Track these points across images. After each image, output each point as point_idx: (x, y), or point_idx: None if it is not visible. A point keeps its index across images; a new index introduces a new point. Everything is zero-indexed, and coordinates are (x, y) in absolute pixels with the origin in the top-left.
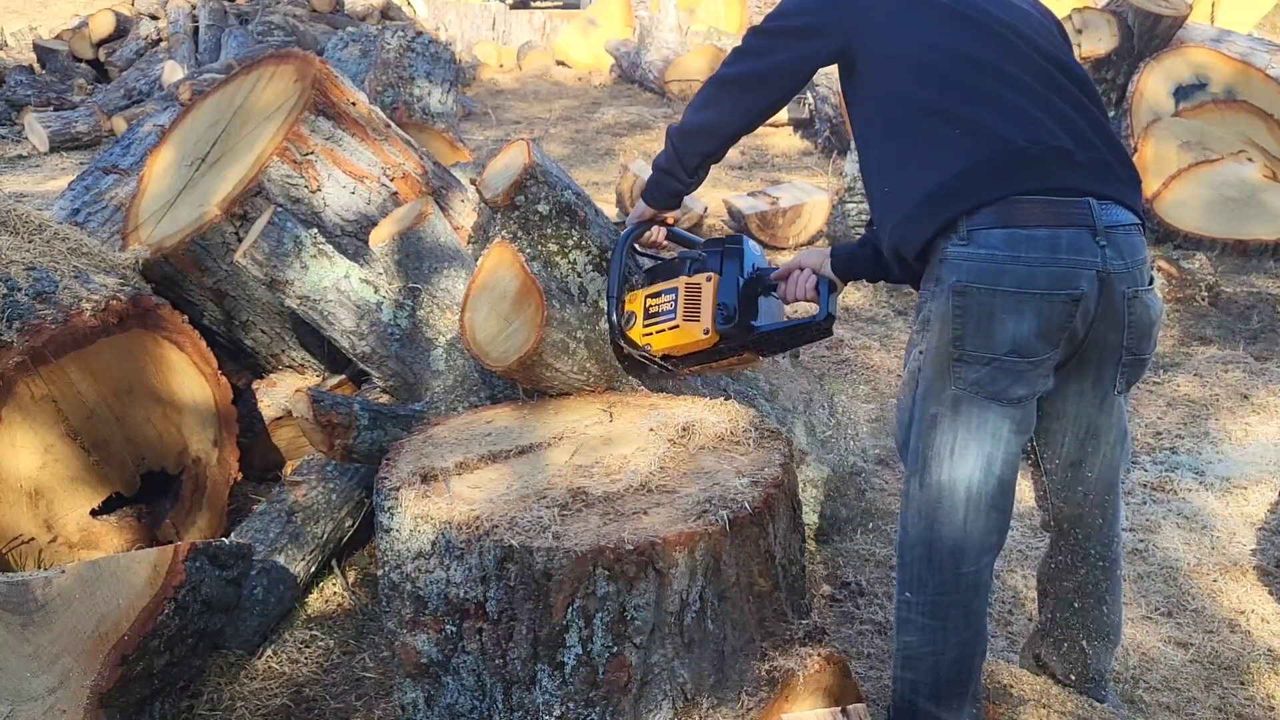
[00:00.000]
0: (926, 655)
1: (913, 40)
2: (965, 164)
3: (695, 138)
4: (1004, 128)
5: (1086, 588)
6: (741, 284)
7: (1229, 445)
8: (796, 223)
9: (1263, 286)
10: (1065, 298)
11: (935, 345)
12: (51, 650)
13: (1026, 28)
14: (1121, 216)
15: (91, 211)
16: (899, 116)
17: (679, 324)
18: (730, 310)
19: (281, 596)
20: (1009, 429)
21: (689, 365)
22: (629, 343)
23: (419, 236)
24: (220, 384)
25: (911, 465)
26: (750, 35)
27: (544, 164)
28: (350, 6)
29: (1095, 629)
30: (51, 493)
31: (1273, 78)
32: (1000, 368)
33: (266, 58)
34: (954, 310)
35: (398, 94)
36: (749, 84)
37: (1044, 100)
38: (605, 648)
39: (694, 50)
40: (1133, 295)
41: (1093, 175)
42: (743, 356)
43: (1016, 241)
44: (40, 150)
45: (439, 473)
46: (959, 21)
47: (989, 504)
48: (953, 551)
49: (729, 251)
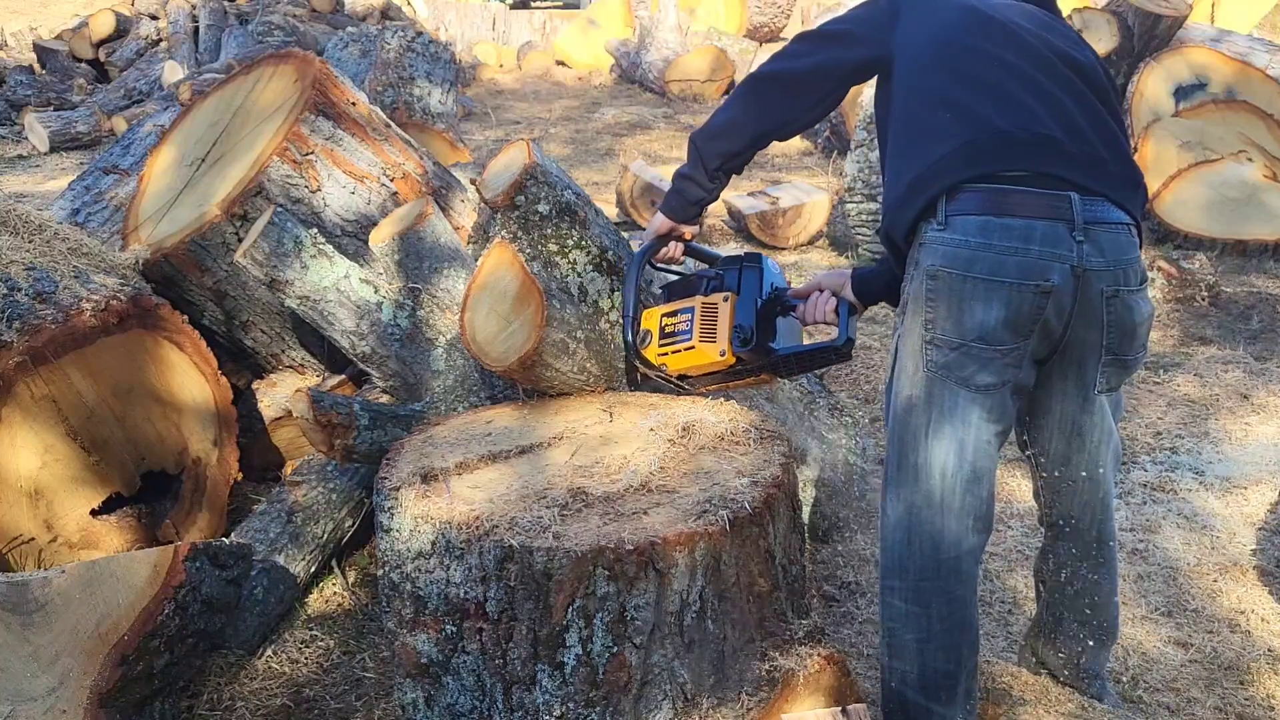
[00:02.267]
0: (911, 642)
1: (928, 37)
2: (950, 146)
3: (718, 136)
4: (993, 112)
5: (1078, 583)
6: (759, 304)
7: (1229, 445)
8: (796, 223)
9: (1263, 286)
10: (1034, 288)
11: (909, 327)
12: (51, 650)
13: (1038, 25)
14: (1108, 214)
15: (91, 211)
16: (906, 107)
17: (695, 345)
18: (748, 332)
19: (281, 596)
20: (979, 415)
21: (705, 385)
22: (644, 362)
23: (419, 236)
24: (220, 384)
25: (889, 449)
26: (794, 40)
27: (544, 164)
28: (350, 6)
29: (1089, 625)
30: (51, 493)
31: (1273, 78)
32: (968, 353)
33: (266, 58)
34: (926, 293)
35: (398, 94)
36: (778, 83)
37: (1043, 92)
38: (605, 648)
39: (694, 50)
40: (1112, 294)
41: (1080, 168)
42: (759, 378)
43: (990, 229)
44: (40, 150)
45: (439, 473)
46: (970, 16)
47: (963, 489)
48: (931, 536)
49: (747, 270)
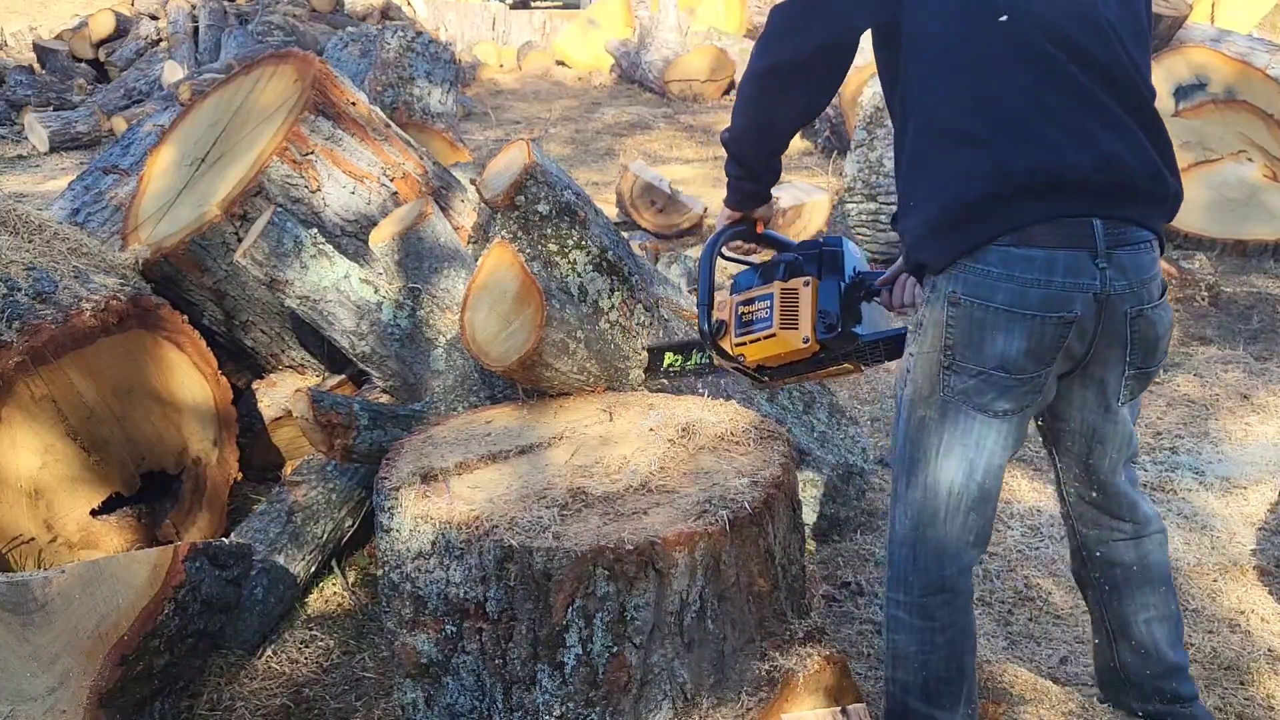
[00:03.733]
0: (914, 654)
1: (940, 26)
2: (970, 196)
3: (749, 140)
4: (1014, 157)
5: (1121, 565)
6: (843, 289)
7: (1229, 445)
8: (796, 223)
9: (1263, 286)
10: (1056, 320)
11: (927, 351)
12: (51, 650)
13: (1068, 21)
14: (1130, 234)
15: (91, 211)
16: (921, 130)
17: (776, 332)
18: (833, 317)
19: (281, 596)
20: (993, 440)
21: (783, 377)
22: (721, 353)
23: (419, 236)
24: (220, 384)
25: (899, 464)
26: (775, 13)
27: (544, 164)
28: (350, 6)
29: (1149, 605)
30: (51, 493)
31: (1273, 78)
32: (987, 381)
33: (266, 58)
34: (948, 319)
35: (398, 94)
36: (787, 76)
37: (1065, 119)
38: (605, 648)
39: (694, 50)
40: (1136, 314)
41: (1105, 198)
42: (841, 367)
43: (1012, 260)
44: (40, 150)
45: (439, 473)
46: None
47: (969, 507)
48: (936, 553)
49: (827, 254)
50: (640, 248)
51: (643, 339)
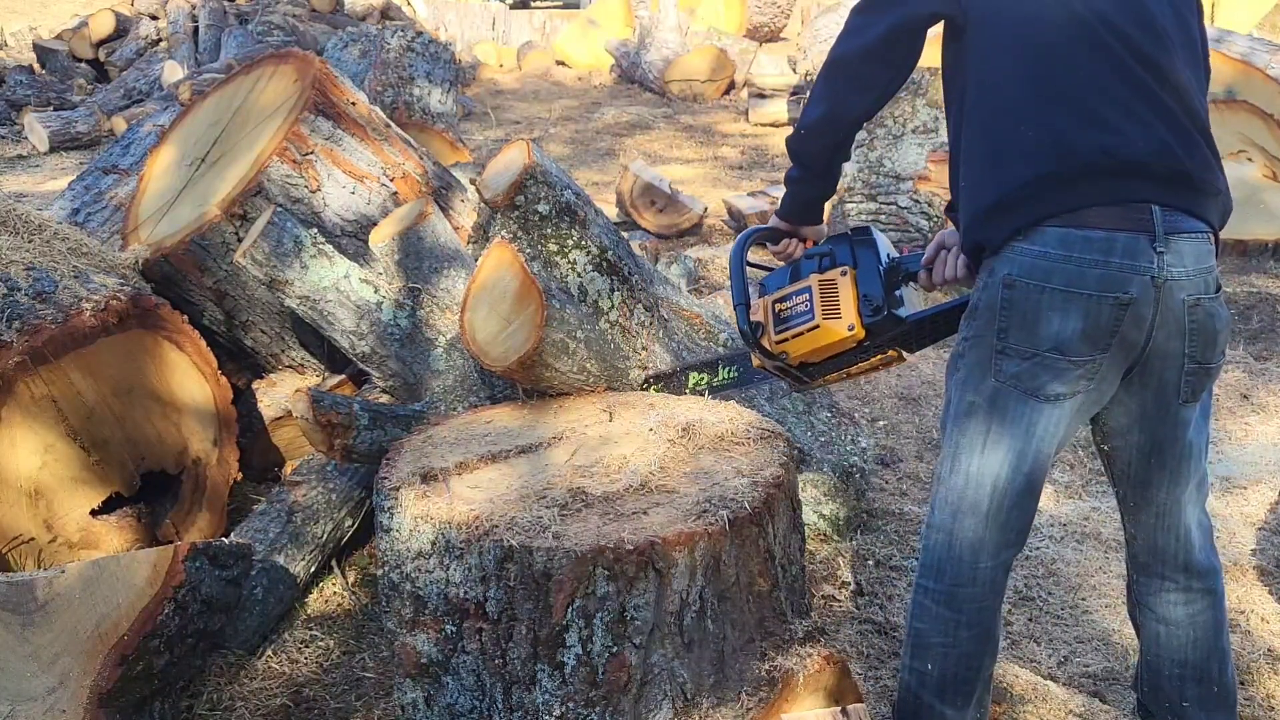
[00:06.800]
0: (937, 645)
1: (1010, 14)
2: (1031, 174)
3: (814, 134)
4: (1077, 137)
5: (1171, 623)
6: (882, 273)
7: (1229, 445)
8: None
9: (1263, 286)
10: (1113, 300)
11: (980, 334)
12: (51, 650)
13: (1128, 22)
14: (1188, 224)
15: (91, 211)
16: (982, 110)
17: (819, 324)
18: (878, 300)
19: (281, 596)
20: (1043, 426)
21: (827, 372)
22: (762, 352)
23: (419, 236)
24: (220, 384)
25: (945, 449)
26: (854, 14)
27: (544, 164)
28: (350, 6)
29: (1188, 678)
30: (51, 493)
31: (1273, 78)
32: (1041, 363)
33: (266, 58)
34: (1002, 302)
35: (398, 94)
36: (856, 61)
37: (1128, 109)
38: (605, 648)
39: (694, 50)
40: (1194, 303)
41: (1163, 186)
42: (887, 355)
43: (1071, 241)
44: (40, 150)
45: (439, 473)
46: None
47: (1014, 501)
48: (973, 545)
49: (859, 242)
50: (640, 248)
51: (642, 339)
